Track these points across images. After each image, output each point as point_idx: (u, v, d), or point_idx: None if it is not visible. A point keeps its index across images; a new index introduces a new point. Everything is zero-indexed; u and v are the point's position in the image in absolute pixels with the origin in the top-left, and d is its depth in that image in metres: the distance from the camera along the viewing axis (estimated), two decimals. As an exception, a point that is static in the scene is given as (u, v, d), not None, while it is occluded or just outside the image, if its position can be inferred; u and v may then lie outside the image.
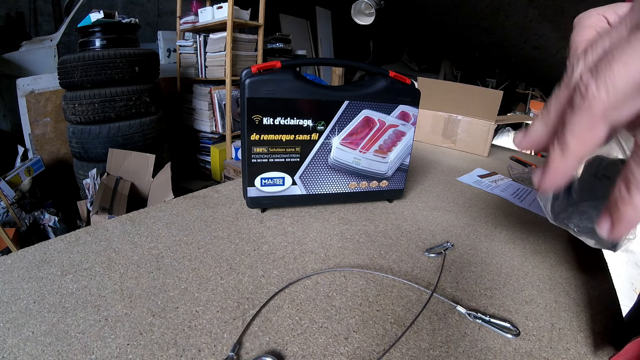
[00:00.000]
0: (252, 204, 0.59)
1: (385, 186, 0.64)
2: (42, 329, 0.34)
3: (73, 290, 0.40)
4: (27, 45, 2.55)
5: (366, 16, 2.10)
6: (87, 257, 0.46)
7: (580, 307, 0.43)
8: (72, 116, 1.98)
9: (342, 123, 0.57)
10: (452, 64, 4.79)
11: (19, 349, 0.32)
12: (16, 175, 1.91)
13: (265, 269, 0.46)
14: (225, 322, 0.37)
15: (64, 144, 2.29)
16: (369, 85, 0.57)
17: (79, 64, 1.91)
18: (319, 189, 0.60)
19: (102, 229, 0.53)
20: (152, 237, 0.51)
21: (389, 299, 0.42)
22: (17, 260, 0.44)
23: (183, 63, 2.76)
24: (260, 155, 0.55)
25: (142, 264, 0.45)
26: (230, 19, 2.28)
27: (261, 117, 0.52)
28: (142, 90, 2.09)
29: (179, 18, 2.72)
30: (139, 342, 0.34)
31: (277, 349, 0.34)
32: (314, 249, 0.51)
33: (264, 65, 0.52)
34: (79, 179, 2.10)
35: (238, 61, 2.52)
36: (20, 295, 0.39)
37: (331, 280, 0.44)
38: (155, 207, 0.60)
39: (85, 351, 0.32)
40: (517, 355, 0.35)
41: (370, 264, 0.48)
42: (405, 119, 0.60)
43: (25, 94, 2.17)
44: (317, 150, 0.57)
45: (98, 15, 2.01)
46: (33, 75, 2.29)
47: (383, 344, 0.36)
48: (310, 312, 0.39)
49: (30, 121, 2.21)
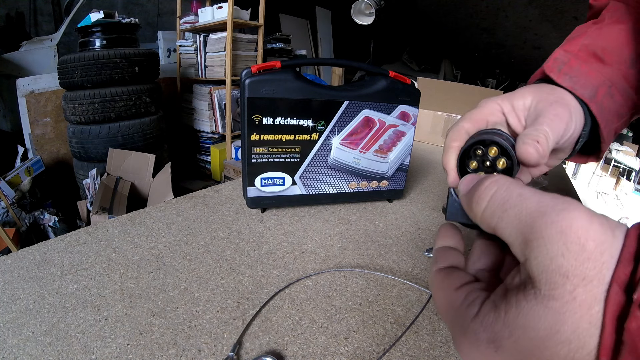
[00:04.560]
0: (252, 204, 0.59)
1: (385, 186, 0.64)
2: (42, 329, 0.34)
3: (73, 290, 0.40)
4: (27, 45, 2.55)
5: (366, 16, 2.10)
6: (87, 257, 0.46)
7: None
8: (72, 116, 1.98)
9: (342, 123, 0.57)
10: (452, 64, 4.79)
11: (19, 349, 0.32)
12: (16, 175, 1.90)
13: (265, 269, 0.46)
14: (225, 322, 0.37)
15: (64, 144, 2.28)
16: (369, 85, 0.57)
17: (79, 64, 1.91)
18: (319, 189, 0.60)
19: (102, 229, 0.53)
20: (152, 237, 0.51)
21: (389, 299, 0.42)
22: (17, 260, 0.44)
23: (183, 63, 2.76)
24: (260, 155, 0.55)
25: (142, 264, 0.45)
26: (230, 19, 2.28)
27: (261, 117, 0.52)
28: (142, 90, 2.09)
29: (179, 18, 2.72)
30: (139, 342, 0.34)
31: (277, 349, 0.34)
32: (314, 249, 0.51)
33: (264, 65, 0.52)
34: (79, 179, 2.10)
35: (238, 61, 2.52)
36: (20, 295, 0.39)
37: (331, 280, 0.44)
38: (155, 207, 0.60)
39: (85, 351, 0.32)
40: (517, 355, 0.35)
41: (370, 264, 0.48)
42: (405, 119, 0.60)
43: (25, 94, 2.17)
44: (317, 150, 0.57)
45: (98, 15, 2.01)
46: (33, 75, 2.29)
47: (383, 344, 0.36)
48: (310, 312, 0.39)
49: (30, 121, 2.21)
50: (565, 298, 0.14)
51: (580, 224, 0.14)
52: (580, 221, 0.14)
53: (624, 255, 0.13)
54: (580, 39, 0.35)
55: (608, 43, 0.34)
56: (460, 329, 0.17)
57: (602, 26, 0.36)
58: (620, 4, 0.37)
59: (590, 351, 0.14)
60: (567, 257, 0.14)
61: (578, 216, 0.14)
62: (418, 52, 4.74)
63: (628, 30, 0.35)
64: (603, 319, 0.13)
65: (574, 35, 0.37)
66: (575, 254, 0.14)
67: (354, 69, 2.91)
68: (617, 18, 0.36)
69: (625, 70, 0.33)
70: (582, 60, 0.33)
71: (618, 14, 0.36)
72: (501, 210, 0.16)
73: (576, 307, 0.14)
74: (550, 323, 0.14)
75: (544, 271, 0.14)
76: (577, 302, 0.14)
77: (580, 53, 0.34)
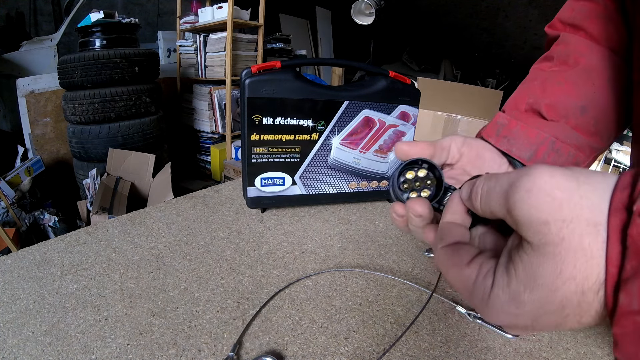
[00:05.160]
0: (252, 204, 0.59)
1: (385, 186, 0.64)
2: (42, 329, 0.34)
3: (73, 290, 0.40)
4: (27, 45, 2.55)
5: (366, 16, 2.09)
6: (87, 257, 0.46)
7: (580, 307, 0.43)
8: (72, 116, 1.98)
9: (342, 123, 0.57)
10: (452, 64, 4.79)
11: (19, 349, 0.32)
12: (16, 175, 1.90)
13: (265, 269, 0.46)
14: (225, 322, 0.37)
15: (64, 144, 2.28)
16: (369, 85, 0.57)
17: (79, 64, 1.91)
18: (319, 189, 0.60)
19: (102, 229, 0.53)
20: (152, 237, 0.51)
21: (389, 299, 0.42)
22: (17, 260, 0.44)
23: (183, 63, 2.76)
24: (260, 155, 0.55)
25: (142, 264, 0.45)
26: (230, 19, 2.28)
27: (261, 117, 0.52)
28: (142, 90, 2.09)
29: (179, 18, 2.72)
30: (139, 342, 0.34)
31: (277, 349, 0.34)
32: (314, 249, 0.51)
33: (264, 65, 0.52)
34: (79, 179, 2.10)
35: (238, 61, 2.52)
36: (20, 295, 0.39)
37: (331, 280, 0.44)
38: (155, 207, 0.60)
39: (85, 351, 0.32)
40: (517, 355, 0.35)
41: (370, 264, 0.48)
42: (405, 119, 0.60)
43: (25, 94, 2.17)
44: (317, 150, 0.57)
45: (98, 15, 2.01)
46: (33, 75, 2.29)
47: (383, 344, 0.36)
48: (310, 312, 0.39)
49: (30, 121, 2.21)
50: (555, 241, 0.16)
51: (544, 180, 0.16)
52: (543, 178, 0.16)
53: (620, 183, 0.15)
54: (526, 97, 0.36)
55: (552, 98, 0.34)
56: (481, 301, 0.19)
57: (548, 75, 0.36)
58: (572, 36, 0.36)
59: (596, 279, 0.15)
60: (541, 209, 0.16)
61: (540, 175, 0.16)
62: (418, 52, 4.74)
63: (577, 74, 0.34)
64: (607, 236, 0.15)
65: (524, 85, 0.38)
66: (547, 204, 0.16)
67: (354, 69, 2.90)
68: (564, 59, 0.35)
69: (574, 120, 0.34)
70: (522, 121, 0.34)
71: (567, 51, 0.36)
72: (488, 197, 0.19)
73: (567, 245, 0.15)
74: (551, 266, 0.16)
75: (528, 226, 0.16)
76: (566, 242, 0.15)
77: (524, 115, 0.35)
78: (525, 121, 0.34)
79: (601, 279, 0.15)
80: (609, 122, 0.35)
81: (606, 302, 0.15)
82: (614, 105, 0.34)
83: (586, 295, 0.16)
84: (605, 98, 0.34)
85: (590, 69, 0.34)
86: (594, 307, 0.16)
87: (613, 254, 0.15)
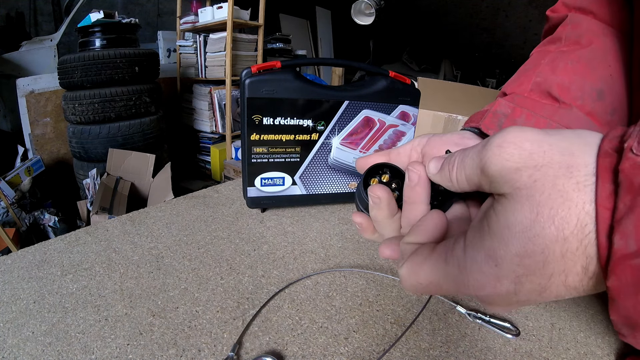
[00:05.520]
0: (252, 204, 0.59)
1: (385, 186, 0.64)
2: (42, 329, 0.34)
3: (73, 290, 0.40)
4: (27, 45, 2.55)
5: (366, 16, 2.10)
6: (87, 257, 0.46)
7: (580, 307, 0.43)
8: (72, 116, 1.98)
9: (342, 123, 0.57)
10: (452, 64, 4.79)
11: (19, 349, 0.32)
12: (16, 175, 1.90)
13: (265, 269, 0.46)
14: (225, 322, 0.37)
15: (64, 144, 2.28)
16: (369, 85, 0.57)
17: (79, 64, 1.91)
18: (319, 189, 0.60)
19: (102, 229, 0.53)
20: (152, 237, 0.51)
21: (389, 299, 0.42)
22: (17, 260, 0.44)
23: (183, 63, 2.76)
24: (260, 155, 0.55)
25: (142, 264, 0.45)
26: (230, 19, 2.28)
27: (261, 117, 0.52)
28: (142, 90, 2.09)
29: (179, 18, 2.71)
30: (139, 342, 0.34)
31: (277, 349, 0.34)
32: (314, 249, 0.51)
33: (264, 65, 0.52)
34: (79, 179, 2.10)
35: (238, 61, 2.51)
36: (20, 295, 0.39)
37: (331, 280, 0.44)
38: (155, 207, 0.60)
39: (85, 351, 0.32)
40: (517, 355, 0.35)
41: (370, 264, 0.48)
42: (405, 119, 0.60)
43: (25, 94, 2.17)
44: (317, 150, 0.57)
45: (98, 15, 2.01)
46: (33, 75, 2.29)
47: (383, 344, 0.36)
48: (310, 312, 0.39)
49: (30, 121, 2.21)
50: (528, 183, 0.15)
51: (513, 135, 0.16)
52: (512, 132, 0.16)
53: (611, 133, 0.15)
54: (532, 75, 0.31)
55: (565, 78, 0.30)
56: (459, 272, 0.17)
57: (557, 55, 0.31)
58: (582, 17, 0.32)
59: (576, 223, 0.14)
60: (512, 159, 0.16)
61: (510, 130, 0.16)
62: (418, 52, 4.74)
63: (591, 54, 0.30)
64: (596, 179, 0.14)
65: (527, 67, 0.33)
66: (517, 154, 0.16)
67: (354, 69, 2.90)
68: (575, 39, 0.31)
69: (590, 105, 0.29)
70: (527, 108, 0.30)
71: (578, 31, 0.32)
72: (462, 162, 0.19)
73: (540, 187, 0.15)
74: (527, 210, 0.15)
75: (500, 178, 0.16)
76: (539, 183, 0.15)
77: (531, 94, 0.31)
78: (531, 108, 0.30)
79: (582, 224, 0.14)
80: (623, 113, 0.31)
81: (599, 255, 0.14)
82: (628, 93, 0.30)
83: (569, 242, 0.14)
84: (620, 84, 0.30)
85: (606, 50, 0.30)
86: (580, 262, 0.14)
87: (604, 194, 0.14)
